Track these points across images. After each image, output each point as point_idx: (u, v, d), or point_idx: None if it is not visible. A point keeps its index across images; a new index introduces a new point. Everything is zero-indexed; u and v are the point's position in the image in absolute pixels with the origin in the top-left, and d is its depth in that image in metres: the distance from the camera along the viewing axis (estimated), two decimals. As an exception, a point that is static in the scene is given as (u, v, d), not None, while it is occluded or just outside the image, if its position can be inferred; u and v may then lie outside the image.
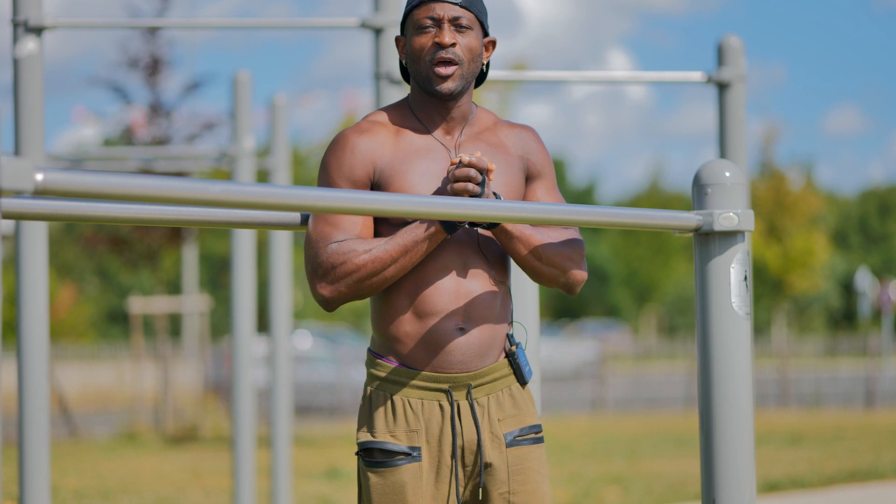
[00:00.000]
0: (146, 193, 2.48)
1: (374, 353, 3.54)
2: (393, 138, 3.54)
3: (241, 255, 8.94)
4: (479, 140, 3.57)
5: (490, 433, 3.51)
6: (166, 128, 19.76)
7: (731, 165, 3.29)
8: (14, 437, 16.58)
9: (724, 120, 5.82)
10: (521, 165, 3.60)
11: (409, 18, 3.56)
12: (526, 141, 3.63)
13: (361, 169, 3.50)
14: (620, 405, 25.55)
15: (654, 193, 59.77)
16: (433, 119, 3.56)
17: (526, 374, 3.57)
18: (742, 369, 3.25)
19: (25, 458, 5.14)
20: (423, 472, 3.49)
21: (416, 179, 3.49)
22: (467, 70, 3.53)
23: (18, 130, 5.17)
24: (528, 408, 3.58)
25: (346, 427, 20.92)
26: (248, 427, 8.93)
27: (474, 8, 3.54)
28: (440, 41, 3.49)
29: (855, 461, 14.15)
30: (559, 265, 3.53)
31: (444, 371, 3.49)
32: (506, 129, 3.64)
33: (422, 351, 3.48)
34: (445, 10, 3.51)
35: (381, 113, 3.60)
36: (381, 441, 3.49)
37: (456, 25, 3.52)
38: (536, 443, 3.57)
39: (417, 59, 3.52)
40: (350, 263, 3.41)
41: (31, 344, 5.15)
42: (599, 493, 11.68)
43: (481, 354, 3.50)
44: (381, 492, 3.48)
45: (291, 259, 9.88)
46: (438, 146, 3.55)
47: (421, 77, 3.53)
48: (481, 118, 3.63)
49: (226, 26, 6.32)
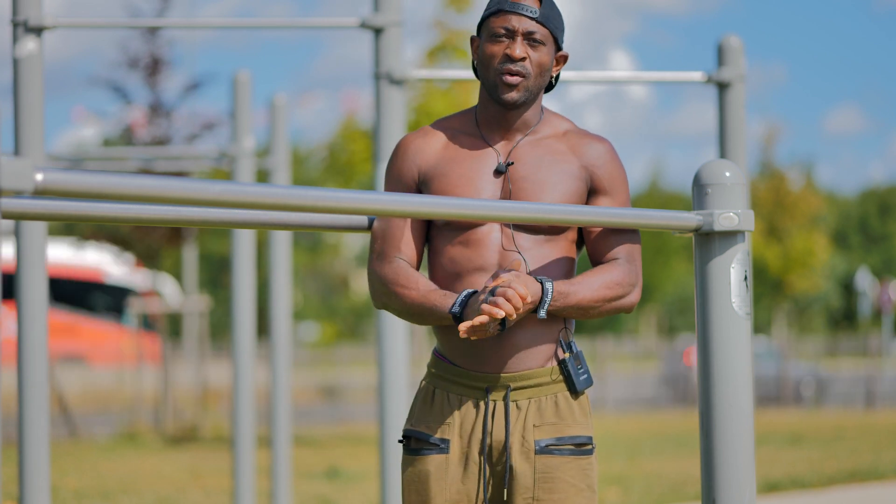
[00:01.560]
0: (146, 193, 2.47)
1: (434, 351, 3.63)
2: (446, 142, 3.60)
3: (241, 255, 8.94)
4: (538, 147, 3.57)
5: (521, 437, 3.52)
6: (166, 128, 19.76)
7: (731, 165, 3.28)
8: (14, 437, 16.57)
9: (724, 120, 5.82)
10: (583, 175, 3.56)
11: (485, 23, 3.57)
12: (595, 151, 3.58)
13: (407, 172, 3.59)
14: (620, 405, 25.54)
15: (653, 193, 59.75)
16: (492, 126, 3.59)
17: (577, 383, 3.56)
18: (742, 369, 3.25)
19: (25, 458, 5.14)
20: (451, 465, 3.53)
21: (456, 181, 3.53)
22: (533, 83, 3.54)
23: (18, 130, 5.17)
24: (573, 418, 3.56)
25: (347, 427, 20.92)
26: (248, 427, 8.93)
27: (550, 24, 3.54)
28: (511, 54, 3.51)
29: (855, 461, 14.15)
30: (608, 310, 3.53)
31: (482, 370, 3.52)
32: (576, 137, 3.61)
33: (462, 349, 3.53)
34: (521, 24, 3.52)
35: (448, 118, 3.67)
36: (416, 430, 3.57)
37: (530, 40, 3.53)
38: (577, 454, 3.54)
39: (487, 66, 3.55)
40: (393, 298, 3.54)
41: (30, 344, 5.15)
42: (599, 493, 11.68)
43: (520, 356, 3.51)
44: (409, 478, 3.57)
45: (291, 259, 9.87)
46: (488, 150, 3.57)
47: (488, 83, 3.56)
48: (552, 124, 3.62)
49: (226, 26, 6.32)
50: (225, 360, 23.41)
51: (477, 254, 3.51)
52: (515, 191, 3.52)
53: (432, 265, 3.59)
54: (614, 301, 3.52)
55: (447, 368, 3.56)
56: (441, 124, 3.65)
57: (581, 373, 3.56)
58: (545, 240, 3.53)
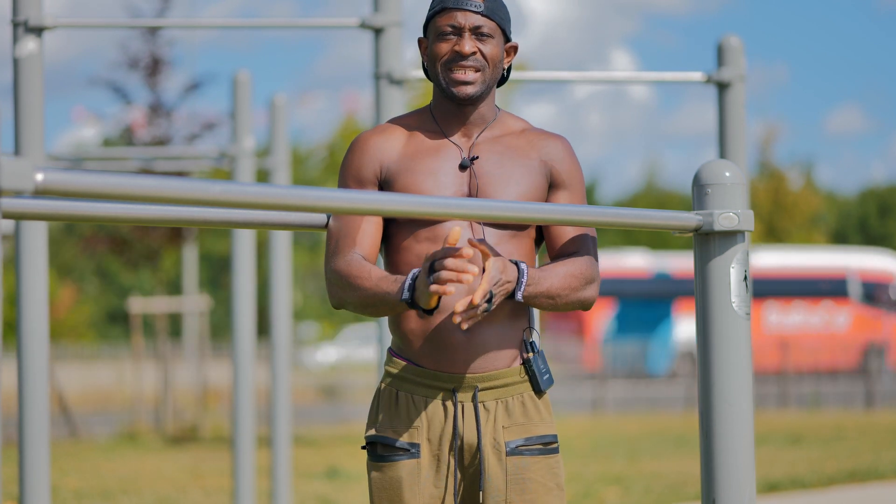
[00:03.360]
0: (146, 193, 2.47)
1: (390, 351, 3.58)
2: (406, 139, 3.57)
3: (241, 255, 8.94)
4: (497, 143, 3.57)
5: (492, 439, 3.50)
6: (166, 128, 19.75)
7: (731, 165, 3.29)
8: (14, 437, 16.57)
9: (724, 120, 5.82)
10: (542, 170, 3.57)
11: (431, 23, 3.57)
12: (552, 148, 3.59)
13: (368, 168, 3.54)
14: (620, 405, 25.55)
15: (650, 192, 59.72)
16: (450, 122, 3.58)
17: (542, 382, 3.54)
18: (742, 369, 3.25)
19: (25, 458, 5.14)
20: (422, 470, 3.50)
21: (422, 178, 3.51)
22: (488, 76, 3.54)
23: (18, 130, 5.17)
24: (539, 417, 3.55)
25: (346, 427, 20.92)
26: (248, 427, 8.93)
27: (496, 16, 3.54)
28: (460, 50, 3.51)
29: (855, 461, 14.14)
30: (573, 301, 3.51)
31: (448, 370, 3.49)
32: (533, 135, 3.61)
33: (427, 349, 3.49)
34: (467, 19, 3.52)
35: (402, 116, 3.65)
36: (382, 435, 3.53)
37: (477, 34, 3.52)
38: (545, 454, 3.54)
39: (437, 64, 3.54)
40: (348, 291, 3.48)
41: (31, 344, 5.15)
42: (599, 493, 11.68)
43: (487, 356, 3.49)
44: (379, 486, 3.53)
45: (291, 259, 9.88)
46: (450, 146, 3.56)
47: (439, 81, 3.55)
48: (506, 123, 3.62)
49: (226, 26, 6.32)
50: (225, 359, 23.41)
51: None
52: (481, 185, 3.52)
53: (394, 262, 3.54)
54: (577, 292, 3.50)
55: (410, 369, 3.52)
56: (397, 122, 3.63)
57: (544, 372, 3.56)
58: (511, 235, 3.52)
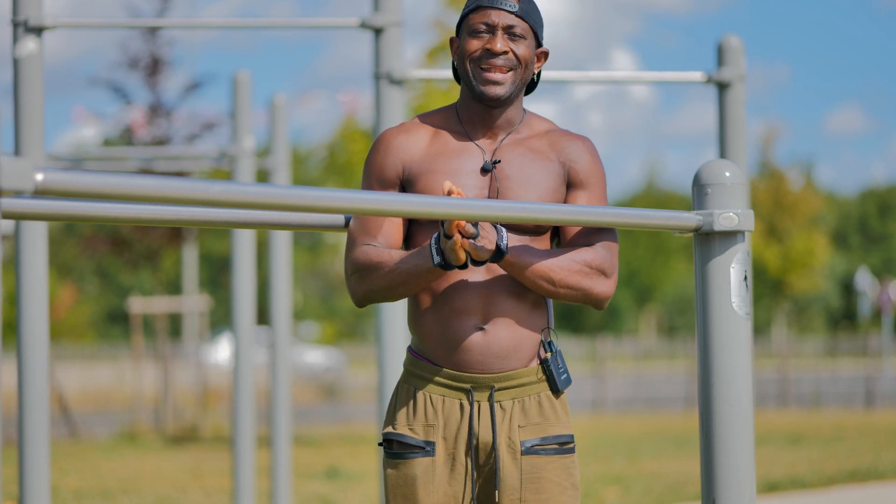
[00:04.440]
0: (146, 193, 2.47)
1: (409, 350, 3.59)
2: (429, 138, 3.57)
3: (241, 255, 8.94)
4: (520, 145, 3.56)
5: (507, 438, 3.51)
6: (166, 128, 19.75)
7: (731, 165, 3.28)
8: (14, 437, 16.57)
9: (724, 120, 5.82)
10: (561, 172, 3.56)
11: (464, 22, 3.56)
12: (573, 148, 3.58)
13: (391, 168, 3.55)
14: (620, 405, 25.54)
15: (650, 192, 59.74)
16: (476, 123, 3.57)
17: (560, 382, 3.54)
18: (742, 369, 3.25)
19: (25, 458, 5.14)
20: (437, 468, 3.51)
21: (444, 178, 3.50)
22: (518, 77, 3.54)
23: (18, 130, 5.17)
24: (556, 417, 3.55)
25: (346, 427, 20.92)
26: (248, 427, 8.93)
27: (530, 18, 3.54)
28: (492, 48, 3.50)
29: (855, 461, 14.15)
30: (574, 285, 3.48)
31: (464, 370, 3.50)
32: (556, 136, 3.60)
33: (443, 349, 3.51)
34: (501, 18, 3.52)
35: (428, 115, 3.63)
36: (398, 433, 3.53)
37: (510, 34, 3.52)
38: (561, 454, 3.54)
39: (467, 61, 3.54)
40: (373, 278, 3.48)
41: (31, 344, 5.14)
42: (599, 493, 11.68)
43: (503, 356, 3.50)
44: (394, 483, 3.54)
45: (291, 259, 9.87)
46: (474, 147, 3.55)
47: (469, 80, 3.54)
48: (532, 125, 3.61)
49: (226, 26, 6.32)
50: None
51: None
52: (502, 189, 3.52)
53: None
54: (580, 279, 3.48)
55: (428, 368, 3.53)
56: (422, 120, 3.62)
57: (562, 372, 3.56)
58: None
